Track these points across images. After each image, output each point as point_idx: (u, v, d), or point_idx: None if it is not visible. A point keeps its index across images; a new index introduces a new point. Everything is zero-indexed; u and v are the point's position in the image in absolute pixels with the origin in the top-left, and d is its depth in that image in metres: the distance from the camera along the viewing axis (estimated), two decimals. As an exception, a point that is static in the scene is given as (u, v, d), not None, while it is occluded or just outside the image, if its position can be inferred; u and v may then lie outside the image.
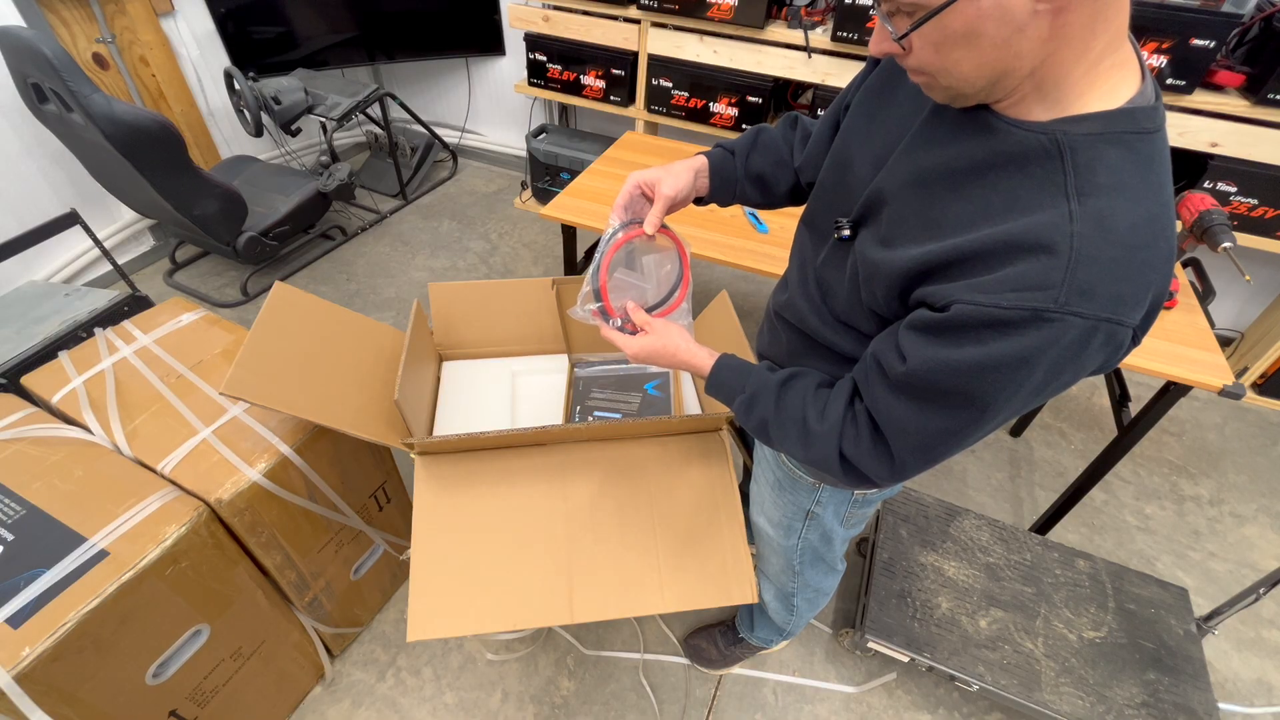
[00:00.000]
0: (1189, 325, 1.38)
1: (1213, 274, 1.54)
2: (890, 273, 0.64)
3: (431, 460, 1.12)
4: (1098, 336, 0.54)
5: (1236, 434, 2.21)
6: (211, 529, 1.05)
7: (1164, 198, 0.55)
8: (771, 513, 1.08)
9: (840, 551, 1.14)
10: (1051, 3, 0.49)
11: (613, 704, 1.47)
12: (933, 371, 0.60)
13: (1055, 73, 0.54)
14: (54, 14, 2.24)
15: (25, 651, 0.85)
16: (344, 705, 1.44)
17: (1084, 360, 0.56)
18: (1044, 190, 0.55)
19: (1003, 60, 0.53)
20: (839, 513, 1.01)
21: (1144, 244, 0.53)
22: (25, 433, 1.11)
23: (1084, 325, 0.53)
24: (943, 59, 0.55)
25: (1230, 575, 1.79)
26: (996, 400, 0.59)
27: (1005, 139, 0.57)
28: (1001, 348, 0.55)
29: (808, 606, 1.27)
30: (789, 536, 1.09)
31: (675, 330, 0.87)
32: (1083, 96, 0.55)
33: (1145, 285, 0.54)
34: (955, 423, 0.63)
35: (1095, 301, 0.52)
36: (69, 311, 1.53)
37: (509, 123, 3.35)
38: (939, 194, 0.62)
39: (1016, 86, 0.56)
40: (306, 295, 1.22)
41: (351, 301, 2.58)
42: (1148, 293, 0.54)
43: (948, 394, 0.61)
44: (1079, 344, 0.54)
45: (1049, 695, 1.30)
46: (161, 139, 1.95)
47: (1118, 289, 0.52)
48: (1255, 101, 1.79)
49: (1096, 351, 0.55)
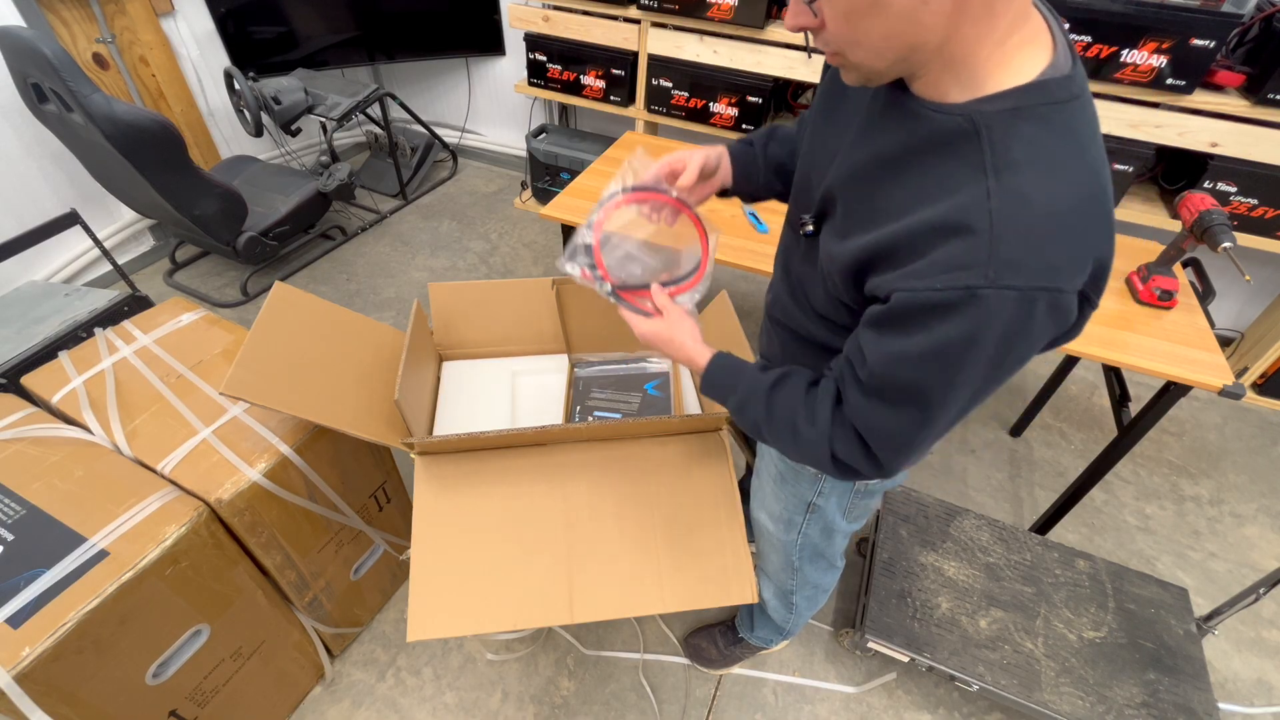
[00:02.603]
0: (1189, 325, 1.38)
1: (1213, 274, 1.54)
2: (843, 264, 0.66)
3: (431, 460, 1.12)
4: (1038, 307, 0.54)
5: (1236, 434, 2.21)
6: (211, 529, 1.05)
7: (1086, 164, 0.55)
8: (773, 506, 1.08)
9: (840, 547, 1.14)
10: None
11: (613, 704, 1.47)
12: (889, 365, 0.62)
13: (963, 51, 0.55)
14: (54, 14, 2.24)
15: (25, 651, 0.85)
16: (344, 705, 1.44)
17: (1033, 332, 0.56)
18: (965, 171, 0.56)
19: (909, 32, 0.54)
20: (841, 504, 1.01)
21: (1067, 211, 0.54)
22: (25, 433, 1.11)
23: (1019, 297, 0.54)
24: (853, 29, 0.56)
25: (1230, 575, 1.79)
26: (957, 384, 0.60)
27: (927, 123, 0.59)
28: (946, 331, 0.56)
29: (807, 605, 1.27)
30: (789, 531, 1.09)
31: (688, 322, 0.87)
32: (995, 75, 0.56)
33: (1076, 251, 0.54)
34: (925, 414, 0.63)
35: (1025, 273, 0.53)
36: (69, 311, 1.53)
37: (509, 123, 3.35)
38: (880, 184, 0.63)
39: (927, 64, 0.57)
40: (306, 295, 1.22)
41: (351, 301, 2.58)
42: (1084, 257, 0.55)
43: (909, 387, 0.62)
44: (1021, 316, 0.55)
45: (1049, 695, 1.30)
46: (161, 139, 1.95)
47: (1046, 258, 0.53)
48: (1255, 101, 1.79)
49: (1044, 321, 0.55)
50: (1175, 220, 2.01)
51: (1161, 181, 2.19)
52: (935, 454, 2.06)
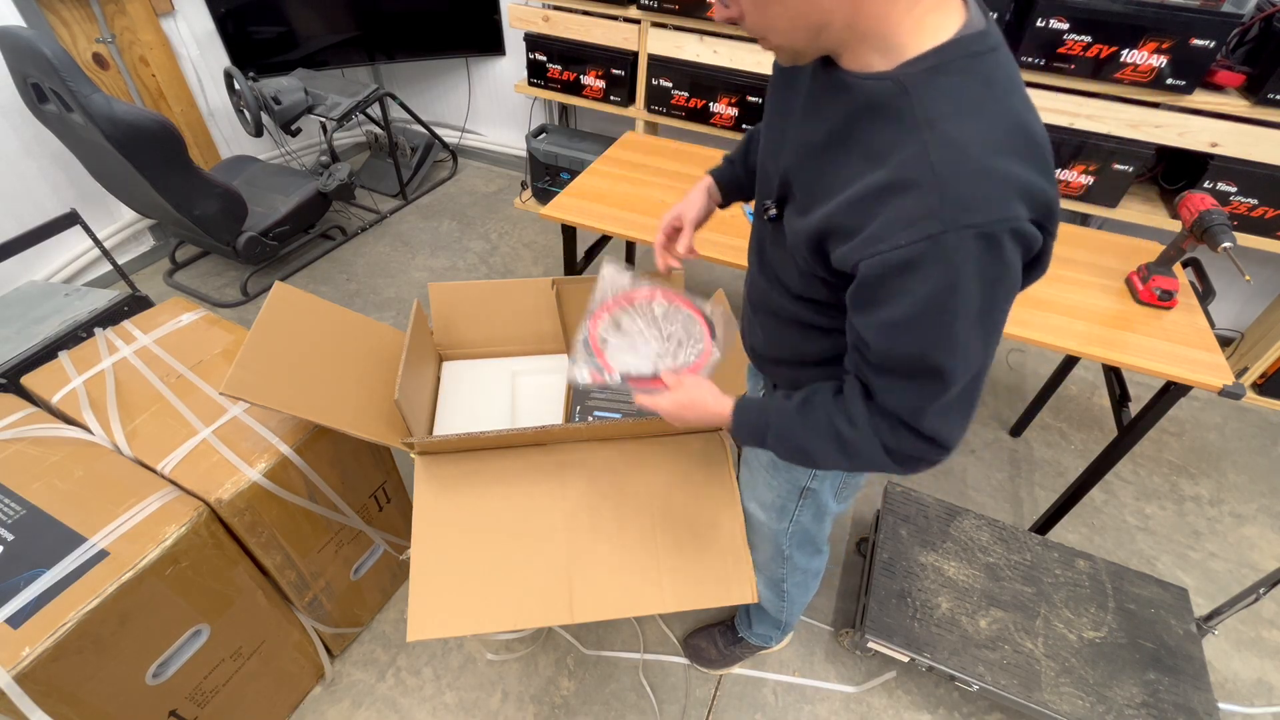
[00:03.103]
0: (1189, 325, 1.38)
1: (1213, 274, 1.54)
2: (806, 238, 0.69)
3: (431, 460, 1.12)
4: (1003, 240, 0.56)
5: (1236, 434, 2.21)
6: (211, 529, 1.05)
7: (1010, 106, 0.58)
8: (764, 495, 1.09)
9: (827, 531, 1.15)
10: None
11: (613, 704, 1.47)
12: (887, 338, 0.63)
13: (874, 23, 0.59)
14: (54, 14, 2.24)
15: (25, 651, 0.85)
16: (344, 705, 1.44)
17: (1008, 264, 0.57)
18: (900, 130, 0.58)
19: (813, 12, 0.59)
20: (834, 484, 1.02)
21: (1000, 150, 0.56)
22: (25, 433, 1.11)
23: (980, 233, 0.55)
24: (764, 14, 0.61)
25: (1230, 575, 1.79)
26: (958, 335, 0.61)
27: (860, 92, 0.62)
28: (925, 286, 0.58)
29: (799, 591, 1.28)
30: (781, 519, 1.09)
31: (703, 384, 0.89)
32: (912, 40, 0.59)
33: (1018, 184, 0.56)
34: (945, 375, 0.63)
35: (978, 210, 0.55)
36: (69, 311, 1.53)
37: (509, 123, 3.35)
38: (828, 158, 0.67)
39: (844, 39, 0.61)
40: (306, 295, 1.22)
41: (351, 301, 2.58)
42: (1029, 187, 0.56)
43: (916, 354, 0.63)
44: (991, 251, 0.56)
45: (1049, 695, 1.30)
46: (161, 139, 1.96)
47: (995, 192, 0.55)
48: (1255, 101, 1.79)
49: (1013, 254, 0.57)
50: (1175, 220, 2.01)
51: (1161, 181, 2.19)
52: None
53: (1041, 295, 1.42)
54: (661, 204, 1.67)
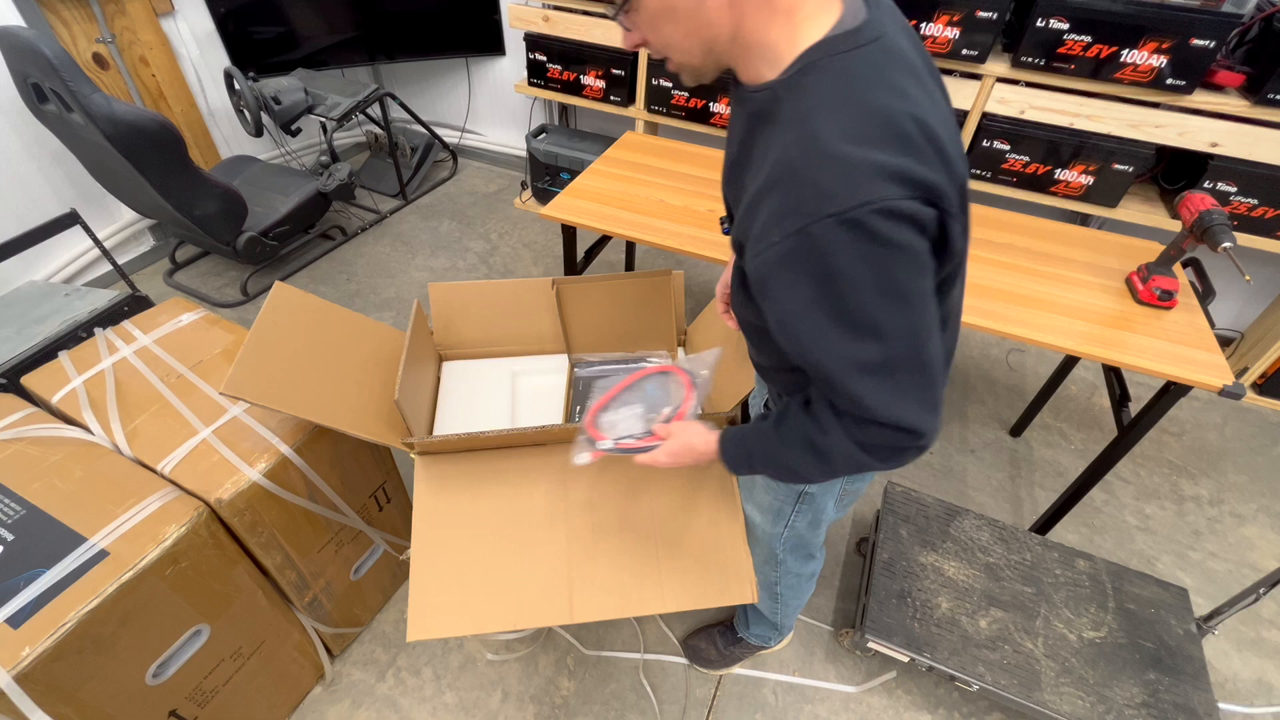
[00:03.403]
0: (1189, 325, 1.38)
1: (1213, 274, 1.54)
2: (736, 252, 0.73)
3: (431, 460, 1.12)
4: (871, 222, 0.56)
5: (1236, 434, 2.21)
6: (211, 529, 1.05)
7: (870, 97, 0.59)
8: (762, 498, 1.09)
9: (822, 538, 1.16)
10: None
11: (613, 704, 1.47)
12: (792, 335, 0.65)
13: (755, 36, 0.63)
14: (54, 14, 2.24)
15: (25, 651, 0.85)
16: (344, 705, 1.44)
17: (890, 242, 0.57)
18: (773, 135, 0.62)
19: (702, 29, 0.64)
20: (834, 489, 1.01)
21: (856, 139, 0.57)
22: (25, 433, 1.11)
23: (839, 220, 0.56)
24: (660, 36, 0.67)
25: (1230, 575, 1.79)
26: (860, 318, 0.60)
27: (750, 105, 0.66)
28: (806, 279, 0.60)
29: (792, 595, 1.28)
30: (777, 523, 1.09)
31: (692, 425, 0.92)
32: (790, 49, 0.62)
33: (879, 168, 0.56)
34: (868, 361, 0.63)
35: (840, 198, 0.56)
36: (69, 311, 1.52)
37: (509, 123, 3.35)
38: (738, 174, 0.71)
39: (734, 54, 0.66)
40: (306, 295, 1.22)
41: (351, 301, 2.58)
42: (895, 171, 0.56)
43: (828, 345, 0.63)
44: (860, 234, 0.56)
45: (1049, 695, 1.30)
46: (161, 139, 1.96)
47: (851, 180, 0.56)
48: (1255, 101, 1.79)
49: (896, 231, 0.57)
50: (1175, 220, 2.01)
51: (1161, 181, 2.19)
52: (935, 454, 2.06)
53: (1041, 295, 1.42)
54: (661, 204, 1.67)
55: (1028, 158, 2.08)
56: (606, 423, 1.02)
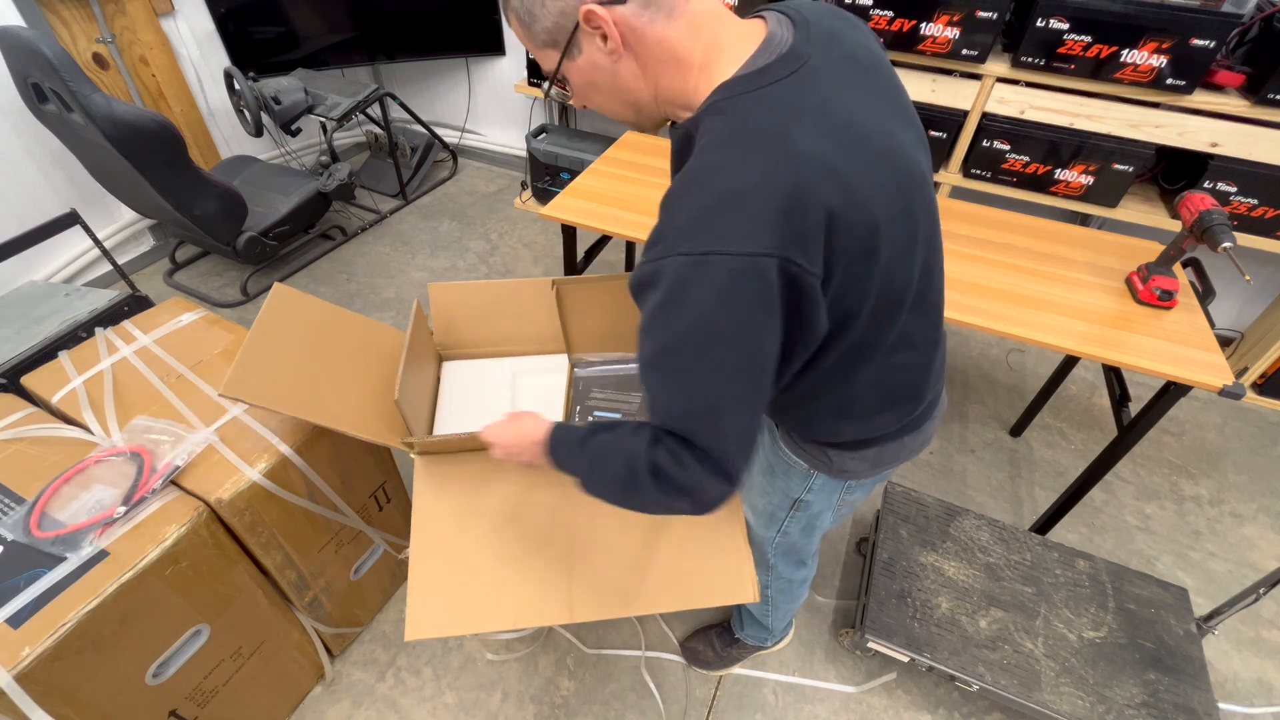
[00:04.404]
0: (1189, 325, 1.38)
1: (1213, 274, 1.54)
2: None
3: (431, 460, 1.12)
4: (713, 269, 0.58)
5: (1236, 434, 2.21)
6: (211, 529, 1.05)
7: (755, 148, 0.59)
8: (757, 500, 1.09)
9: (815, 546, 1.17)
10: (612, 49, 0.65)
11: (613, 704, 1.47)
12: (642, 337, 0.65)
13: (676, 89, 0.68)
14: (54, 14, 2.24)
15: (25, 651, 0.85)
16: (344, 705, 1.44)
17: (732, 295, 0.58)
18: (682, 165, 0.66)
19: (625, 92, 0.70)
20: (831, 500, 1.00)
21: (730, 190, 0.58)
22: (25, 433, 1.11)
23: (687, 261, 0.58)
24: (594, 102, 0.73)
25: (1230, 575, 1.79)
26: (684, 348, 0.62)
27: (675, 141, 0.75)
28: (656, 297, 0.61)
29: (784, 598, 1.29)
30: (769, 527, 1.10)
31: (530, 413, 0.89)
32: (708, 91, 0.66)
33: (748, 219, 0.57)
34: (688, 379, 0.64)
35: (691, 239, 0.59)
36: (69, 311, 1.53)
37: (509, 123, 3.35)
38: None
39: (663, 106, 0.71)
40: (306, 295, 1.22)
41: (351, 301, 2.58)
42: (755, 229, 0.57)
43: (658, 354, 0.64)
44: (702, 277, 0.58)
45: (1049, 695, 1.30)
46: (161, 139, 1.96)
47: (711, 227, 0.58)
48: (1255, 101, 1.79)
49: (740, 286, 0.58)
50: (1175, 220, 2.01)
51: (1161, 181, 2.19)
52: (935, 454, 2.06)
53: (1041, 295, 1.42)
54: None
55: (1028, 158, 2.08)
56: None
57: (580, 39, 0.65)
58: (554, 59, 0.68)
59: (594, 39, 0.65)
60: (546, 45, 0.68)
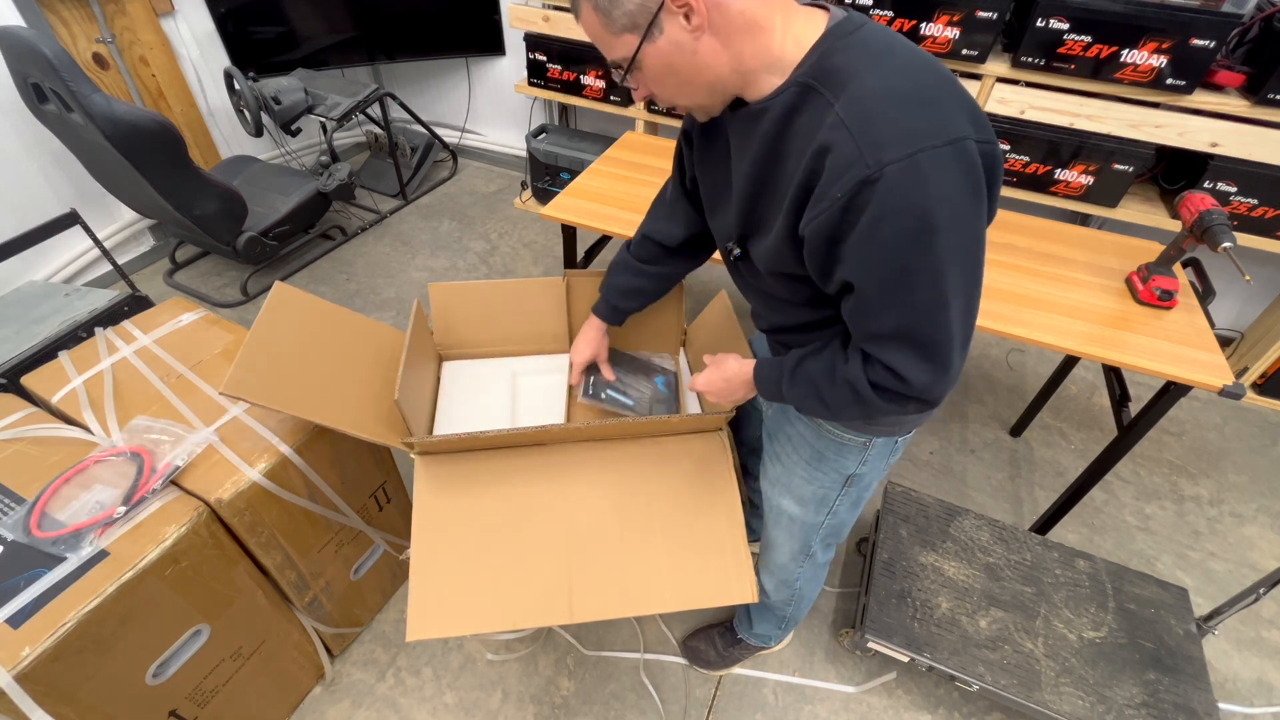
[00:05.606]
0: (1189, 325, 1.38)
1: (1213, 274, 1.54)
2: (774, 252, 0.76)
3: (431, 460, 1.12)
4: (941, 163, 0.60)
5: (1236, 434, 2.21)
6: (211, 529, 1.05)
7: (896, 61, 0.65)
8: (803, 490, 1.06)
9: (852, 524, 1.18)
10: (697, 24, 0.65)
11: (613, 704, 1.47)
12: (859, 278, 0.68)
13: (757, 60, 0.68)
14: (54, 14, 2.24)
15: (25, 651, 0.85)
16: (344, 705, 1.44)
17: (951, 184, 0.61)
18: (816, 114, 0.66)
19: (703, 73, 0.69)
20: (881, 466, 1.02)
21: (901, 93, 0.62)
22: (25, 433, 1.11)
23: (902, 166, 0.60)
24: (666, 89, 0.73)
25: (1230, 575, 1.79)
26: (925, 249, 0.63)
27: (773, 111, 0.70)
28: (866, 223, 0.63)
29: (811, 588, 1.29)
30: (819, 512, 1.08)
31: (727, 356, 1.00)
32: (794, 53, 0.68)
33: (931, 113, 0.62)
34: (931, 300, 0.66)
35: (895, 145, 0.60)
36: (69, 311, 1.53)
37: (509, 123, 3.35)
38: (769, 177, 0.74)
39: (740, 82, 0.71)
40: (306, 295, 1.22)
41: (351, 301, 2.58)
42: (942, 116, 0.62)
43: (877, 287, 0.67)
44: (925, 178, 0.60)
45: (1049, 695, 1.30)
46: (161, 139, 1.95)
47: (906, 126, 0.61)
48: (1255, 101, 1.79)
49: (950, 173, 0.61)
50: (1175, 220, 2.01)
51: (1161, 181, 2.19)
52: (935, 454, 2.06)
53: (1041, 295, 1.42)
54: (661, 204, 1.67)
55: (1028, 158, 2.08)
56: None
57: (662, 19, 0.66)
58: (632, 44, 0.68)
59: (676, 18, 0.65)
60: (625, 30, 0.67)
